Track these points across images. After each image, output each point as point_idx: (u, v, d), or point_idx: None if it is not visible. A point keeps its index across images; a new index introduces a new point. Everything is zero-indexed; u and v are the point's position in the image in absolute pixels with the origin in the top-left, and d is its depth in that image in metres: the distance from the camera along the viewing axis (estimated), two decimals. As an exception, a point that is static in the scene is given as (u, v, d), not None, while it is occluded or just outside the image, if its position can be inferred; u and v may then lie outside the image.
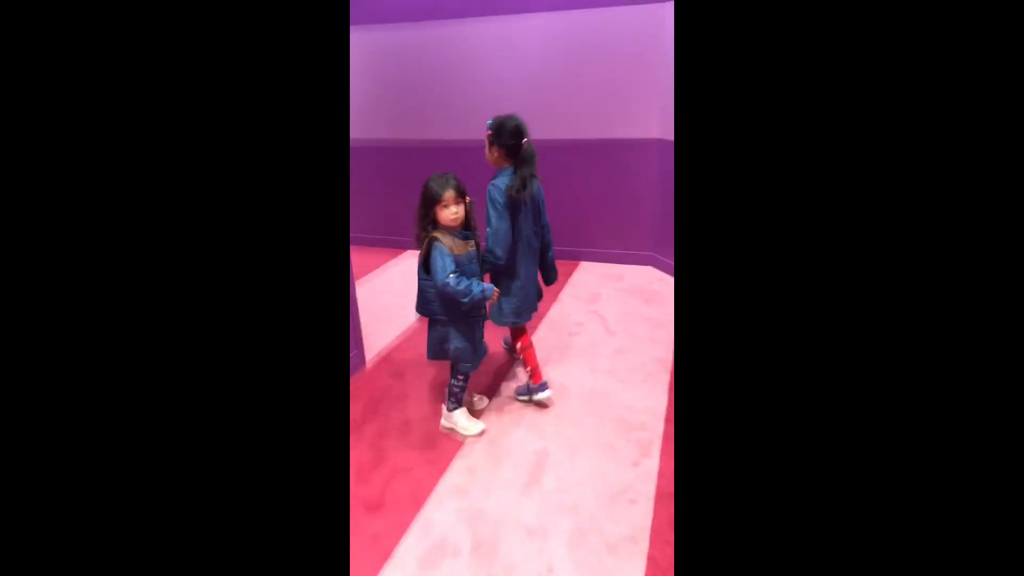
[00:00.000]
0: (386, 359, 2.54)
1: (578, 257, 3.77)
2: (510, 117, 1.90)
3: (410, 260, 3.98)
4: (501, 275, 2.01)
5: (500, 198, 1.87)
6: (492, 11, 3.39)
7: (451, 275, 1.72)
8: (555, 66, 3.38)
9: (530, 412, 2.08)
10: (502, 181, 1.89)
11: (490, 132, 1.90)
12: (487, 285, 1.80)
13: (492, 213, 1.88)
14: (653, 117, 3.30)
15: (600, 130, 3.44)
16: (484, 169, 2.03)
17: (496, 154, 1.92)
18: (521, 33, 3.38)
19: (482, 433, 1.97)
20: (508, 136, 1.87)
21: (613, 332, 2.71)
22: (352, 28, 3.69)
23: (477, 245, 1.86)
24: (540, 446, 1.89)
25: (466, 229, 1.83)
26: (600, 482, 1.71)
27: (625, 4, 3.14)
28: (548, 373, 2.35)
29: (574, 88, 3.39)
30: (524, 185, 1.88)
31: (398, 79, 3.75)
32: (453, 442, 1.93)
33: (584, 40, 3.28)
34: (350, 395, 2.24)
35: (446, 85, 3.65)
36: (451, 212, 1.74)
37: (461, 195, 1.76)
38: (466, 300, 1.75)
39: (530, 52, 3.40)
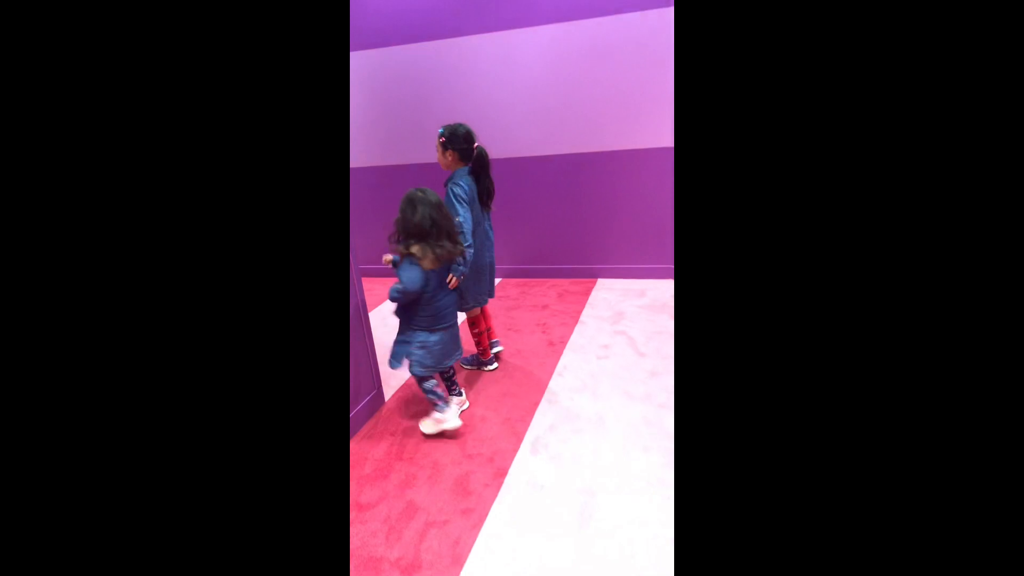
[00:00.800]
0: (407, 394, 2.39)
1: (595, 274, 3.64)
2: (460, 124, 2.16)
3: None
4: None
5: (463, 194, 2.11)
6: (493, 27, 3.30)
7: None
8: (563, 78, 3.29)
9: (568, 448, 1.93)
10: (462, 179, 2.14)
11: (443, 138, 2.14)
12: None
13: (457, 207, 2.10)
14: (667, 125, 3.19)
15: (612, 141, 3.33)
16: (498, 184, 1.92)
17: (450, 158, 2.17)
18: (525, 46, 3.29)
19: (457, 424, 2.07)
20: (461, 140, 2.14)
21: (643, 353, 2.56)
22: (355, 53, 3.61)
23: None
24: (582, 485, 1.73)
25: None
26: (657, 525, 1.55)
27: (630, 11, 3.06)
28: (580, 402, 2.19)
29: (584, 99, 3.29)
30: (479, 182, 2.19)
31: (415, 102, 3.66)
32: (489, 487, 1.77)
33: (591, 49, 3.19)
34: (373, 437, 2.08)
35: (469, 106, 3.55)
36: None
37: None
38: None
39: (536, 65, 3.31)
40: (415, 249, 1.88)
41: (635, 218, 3.45)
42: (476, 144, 2.18)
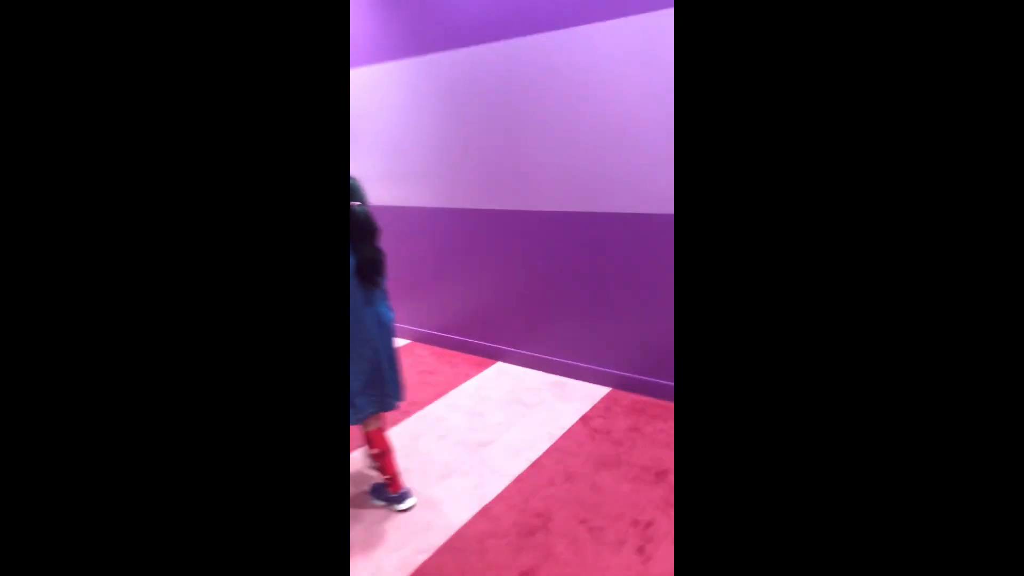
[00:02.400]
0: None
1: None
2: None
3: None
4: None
5: None
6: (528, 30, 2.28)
7: None
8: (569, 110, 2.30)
9: None
10: None
11: None
12: None
13: None
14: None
15: (640, 203, 2.33)
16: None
17: None
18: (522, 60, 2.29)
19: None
20: None
21: None
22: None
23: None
24: None
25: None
26: None
27: (635, 13, 2.12)
28: None
29: (596, 156, 2.29)
30: (357, 252, 1.61)
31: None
32: None
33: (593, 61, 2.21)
34: None
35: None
36: None
37: None
38: None
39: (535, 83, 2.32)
40: None
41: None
42: (354, 202, 1.58)
